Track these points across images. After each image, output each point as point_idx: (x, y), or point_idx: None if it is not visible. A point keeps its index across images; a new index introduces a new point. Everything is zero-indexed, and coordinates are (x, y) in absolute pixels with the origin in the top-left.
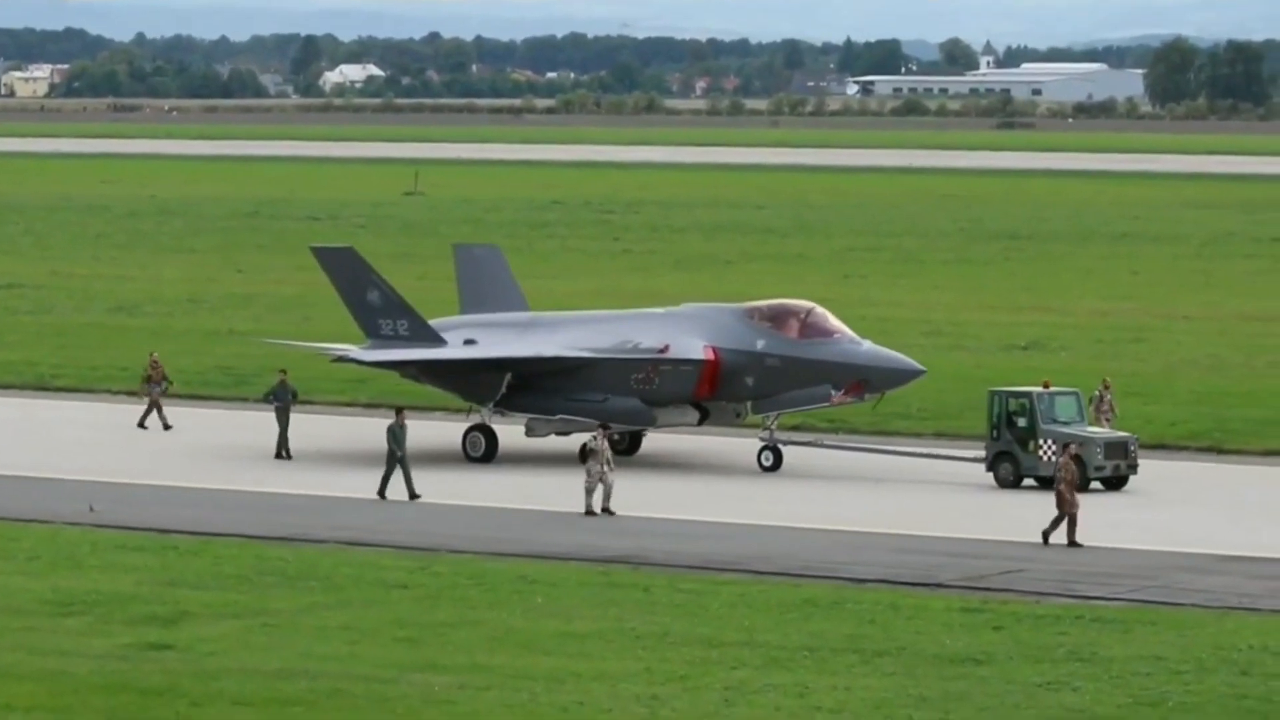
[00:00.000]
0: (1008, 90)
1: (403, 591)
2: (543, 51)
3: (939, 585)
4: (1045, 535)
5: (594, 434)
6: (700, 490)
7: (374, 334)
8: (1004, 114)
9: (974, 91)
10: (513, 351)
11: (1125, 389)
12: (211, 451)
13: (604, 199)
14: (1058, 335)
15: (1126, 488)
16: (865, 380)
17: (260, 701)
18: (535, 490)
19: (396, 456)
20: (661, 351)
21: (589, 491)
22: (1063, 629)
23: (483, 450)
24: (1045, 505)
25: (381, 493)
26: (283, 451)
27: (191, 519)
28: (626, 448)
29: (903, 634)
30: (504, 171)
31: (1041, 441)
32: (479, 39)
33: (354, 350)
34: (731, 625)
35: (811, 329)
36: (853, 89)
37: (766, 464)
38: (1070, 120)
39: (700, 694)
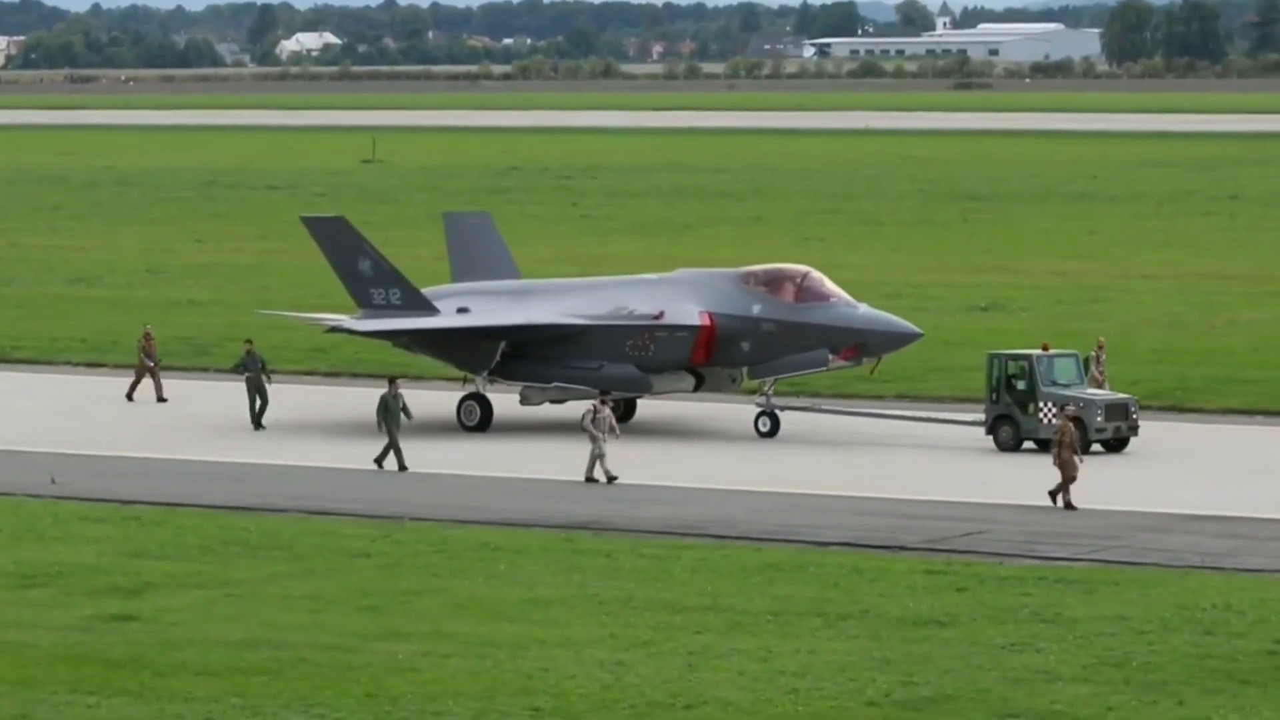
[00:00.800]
0: (964, 51)
1: (365, 560)
2: (499, 18)
3: (902, 548)
4: (1053, 497)
5: (594, 402)
6: (674, 456)
7: (366, 304)
8: (961, 75)
9: (931, 53)
10: (507, 319)
11: (1084, 349)
12: (174, 422)
13: (561, 165)
14: (1017, 296)
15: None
16: (862, 344)
17: (224, 671)
18: (517, 457)
19: (391, 427)
20: (657, 318)
21: (598, 458)
22: (1026, 590)
23: (478, 419)
24: (1025, 466)
25: (401, 465)
26: (258, 422)
27: (153, 489)
28: (621, 414)
29: (866, 597)
30: (461, 138)
31: (1041, 404)
32: (435, 6)
33: (347, 320)
34: (695, 590)
35: (807, 293)
36: (809, 51)
37: (764, 430)
38: (1027, 80)
39: (664, 659)
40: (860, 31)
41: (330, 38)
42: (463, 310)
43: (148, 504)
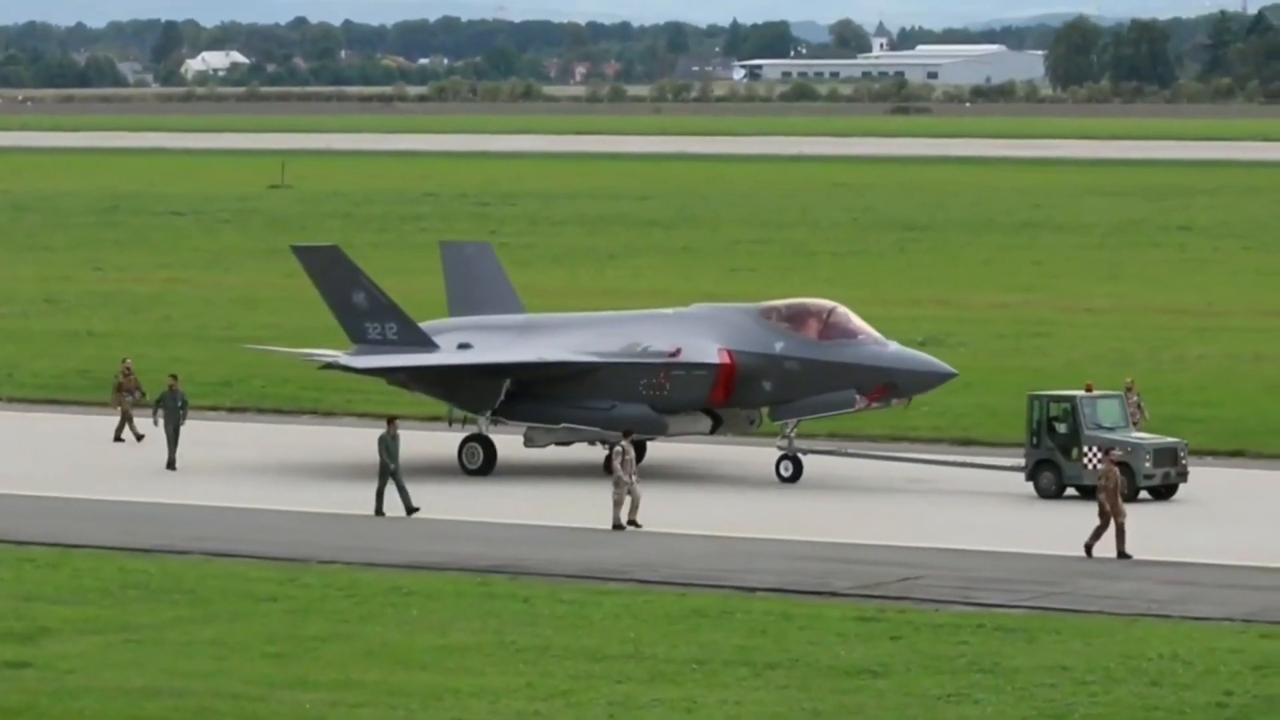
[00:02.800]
0: (902, 73)
1: (271, 604)
2: (414, 36)
3: (833, 593)
4: (1088, 547)
5: (621, 444)
6: (602, 498)
7: (360, 338)
8: (898, 98)
9: (866, 75)
10: (514, 356)
11: (1027, 385)
12: (70, 459)
13: (479, 190)
14: (956, 330)
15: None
16: (892, 384)
17: None
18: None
19: (389, 469)
20: (673, 355)
21: (617, 504)
22: (963, 638)
23: (480, 462)
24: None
25: (379, 509)
26: (169, 459)
27: (49, 530)
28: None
29: (795, 645)
30: (375, 162)
31: (1085, 449)
32: (347, 24)
33: (341, 356)
34: (616, 637)
35: (833, 329)
36: (739, 73)
37: (785, 474)
38: (968, 104)
39: (584, 709)
40: (793, 53)
41: (238, 57)
42: (464, 346)
43: (43, 545)
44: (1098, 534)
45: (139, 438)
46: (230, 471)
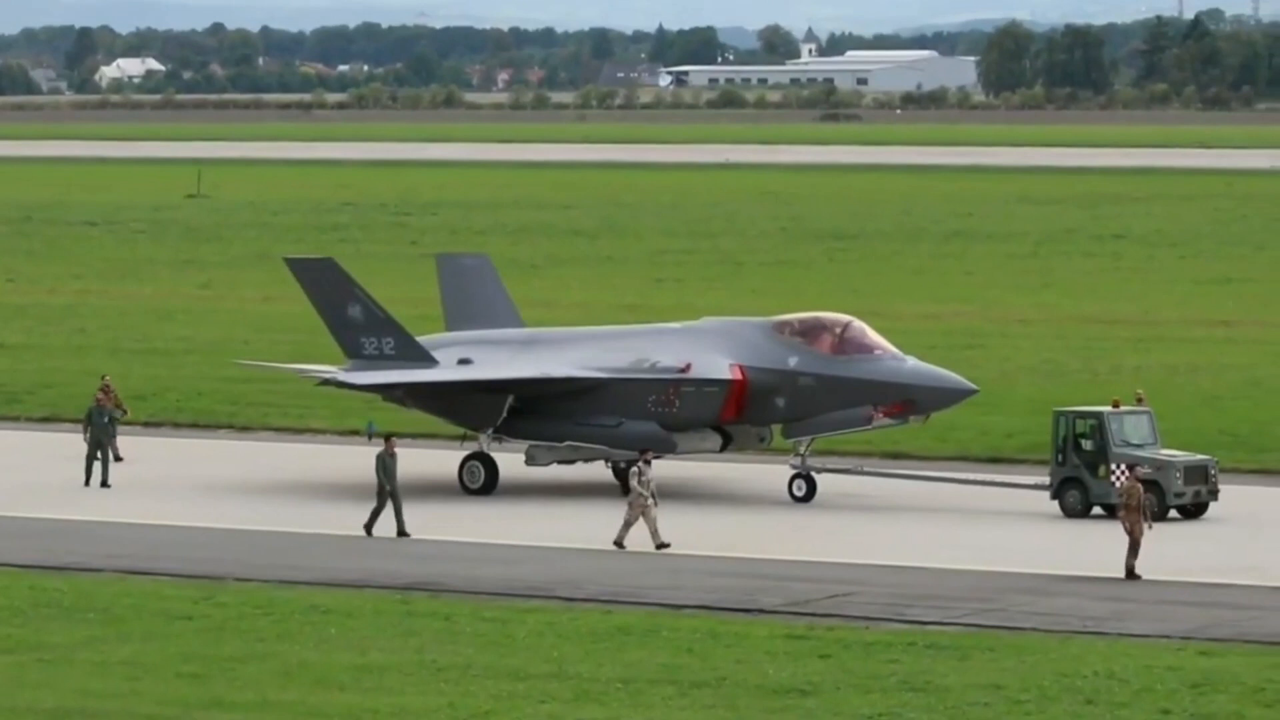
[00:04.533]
0: (831, 80)
1: (186, 623)
2: (334, 43)
3: (761, 611)
4: (1129, 569)
5: (639, 463)
6: (529, 512)
7: (356, 353)
8: (827, 105)
9: (795, 82)
10: (517, 372)
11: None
12: None
13: (400, 200)
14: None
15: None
16: (910, 400)
17: None
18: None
19: (386, 490)
20: (683, 371)
21: (628, 524)
22: (894, 656)
23: (481, 481)
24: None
25: (369, 528)
26: (102, 478)
27: None
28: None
29: (723, 663)
30: (293, 171)
31: (1113, 466)
32: (266, 30)
33: (339, 372)
34: (539, 656)
35: (849, 344)
36: (665, 80)
37: (799, 494)
38: (898, 111)
39: None
40: (720, 59)
41: (154, 64)
42: (464, 361)
43: None
44: (1134, 552)
45: (117, 458)
46: (144, 487)
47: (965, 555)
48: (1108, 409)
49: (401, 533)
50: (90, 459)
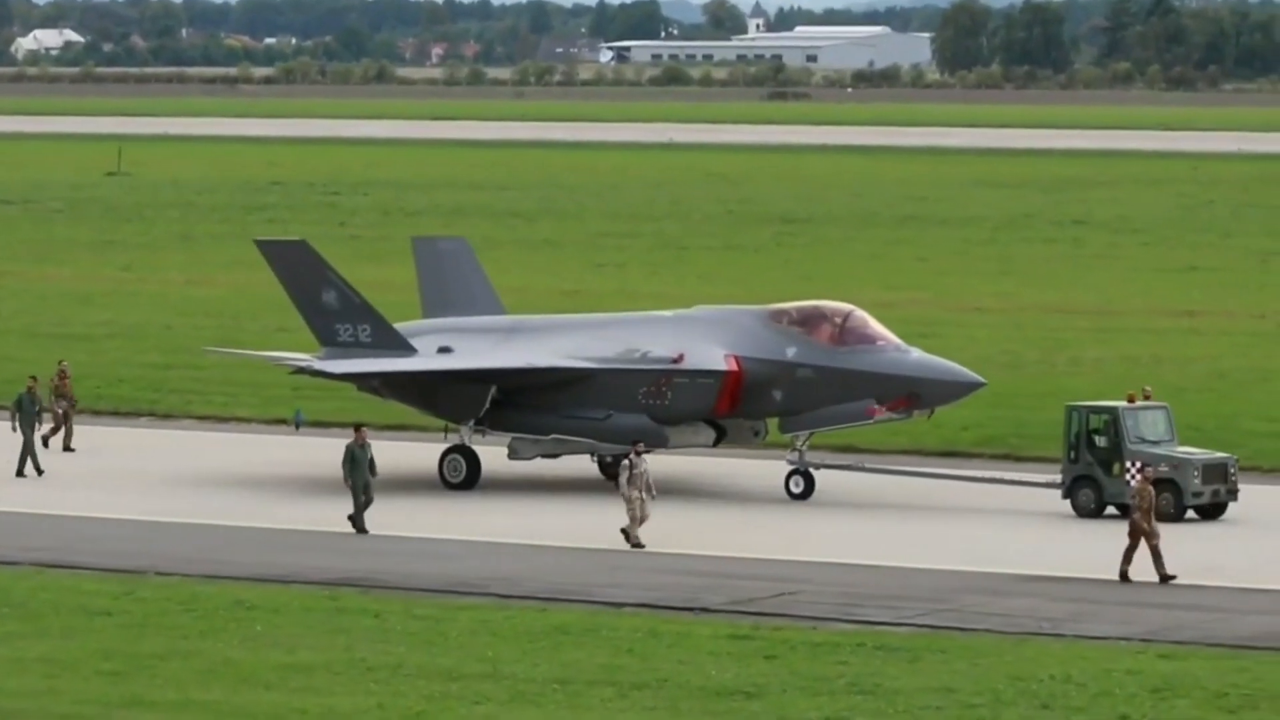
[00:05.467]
0: (779, 57)
1: (106, 619)
2: (260, 14)
3: (705, 610)
4: (1123, 574)
5: (629, 456)
6: (468, 506)
7: (330, 341)
8: (775, 83)
9: (742, 58)
10: (501, 361)
11: None
12: None
13: (329, 179)
14: None
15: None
16: (915, 394)
17: None
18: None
19: (359, 481)
20: (675, 361)
21: (635, 520)
22: (843, 658)
23: (463, 475)
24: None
25: (359, 524)
26: (27, 467)
27: None
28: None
29: (664, 664)
30: (218, 149)
31: (1128, 464)
32: (189, 0)
33: (314, 361)
34: (473, 655)
35: (850, 335)
36: (606, 56)
37: (796, 490)
38: (849, 90)
39: None
40: (663, 34)
41: (72, 35)
42: (445, 350)
43: None
44: (1128, 556)
45: (44, 445)
46: (63, 477)
47: (917, 553)
48: (1122, 404)
49: (359, 529)
50: (29, 448)
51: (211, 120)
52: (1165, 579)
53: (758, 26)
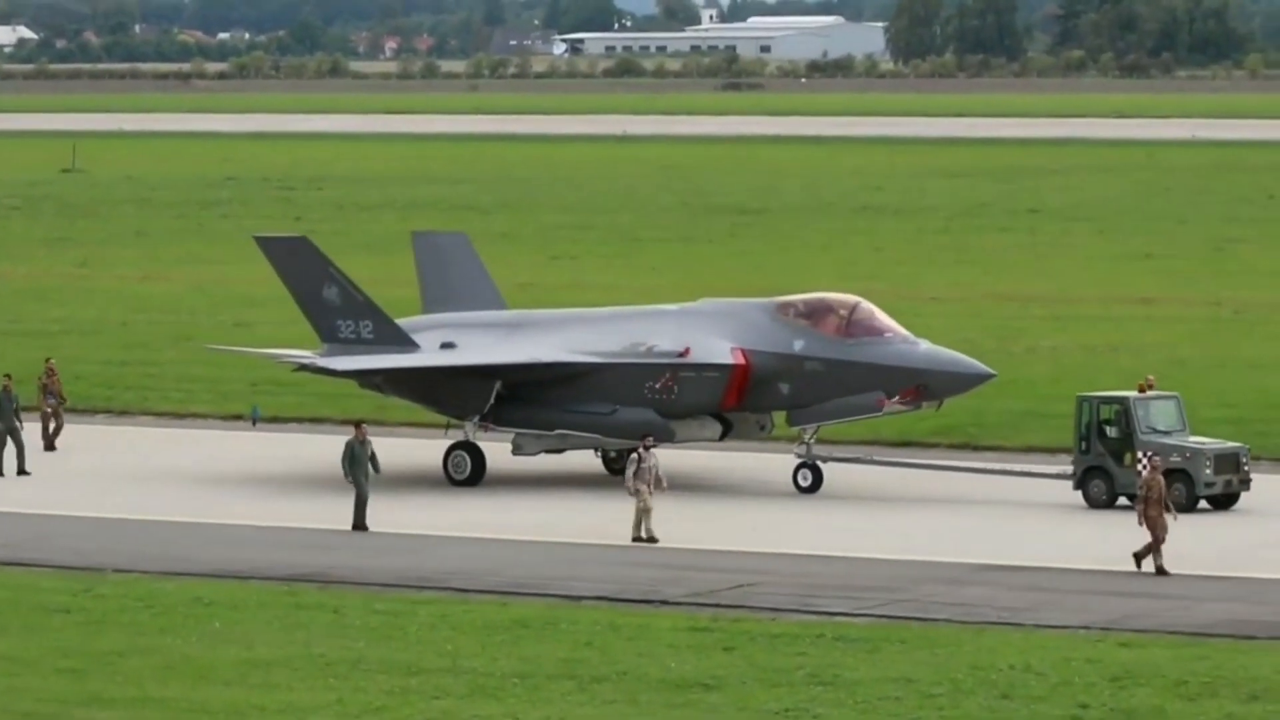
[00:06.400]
0: (733, 47)
1: (65, 616)
2: (213, 10)
3: (663, 602)
4: (1138, 560)
5: (638, 450)
6: (425, 501)
7: (331, 337)
8: (729, 74)
9: (695, 49)
10: (505, 356)
11: None
12: None
13: (283, 174)
14: None
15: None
16: (923, 385)
17: None
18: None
19: (360, 478)
20: (681, 355)
21: (644, 514)
22: (802, 649)
23: (468, 472)
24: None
25: (359, 522)
26: (7, 466)
27: None
28: (623, 466)
29: (624, 657)
30: (172, 144)
31: (1139, 454)
32: None
33: (315, 357)
34: (432, 650)
35: (857, 327)
36: (560, 48)
37: (804, 484)
38: (803, 80)
39: None
40: (617, 26)
41: (25, 32)
42: (448, 345)
43: None
44: (1151, 549)
45: (49, 448)
46: (16, 474)
47: (873, 543)
48: (1133, 394)
49: (358, 525)
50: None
51: (166, 116)
52: (1160, 571)
53: (711, 17)
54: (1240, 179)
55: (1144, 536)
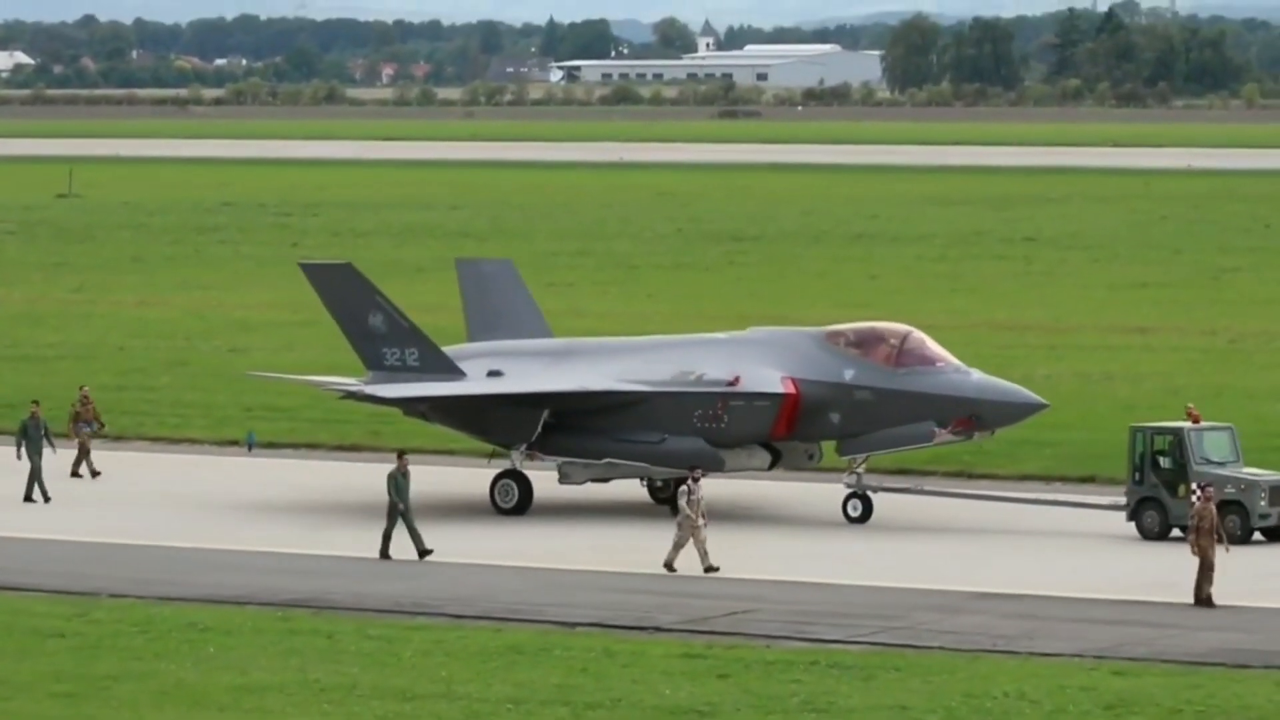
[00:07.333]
0: (730, 75)
1: (59, 641)
2: (210, 35)
3: (658, 629)
4: (1208, 597)
5: (688, 481)
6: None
7: (377, 365)
8: (726, 101)
9: (692, 77)
10: (554, 385)
11: None
12: None
13: (280, 200)
14: None
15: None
16: (976, 416)
17: None
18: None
19: (398, 509)
20: (731, 384)
21: (678, 545)
22: (796, 676)
23: (515, 500)
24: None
25: (384, 552)
26: (34, 493)
27: None
28: (670, 495)
29: (618, 683)
30: (169, 170)
31: (1194, 485)
32: (139, 22)
33: (362, 385)
34: (426, 676)
35: (909, 356)
36: (557, 75)
37: (854, 514)
38: (800, 108)
39: None
40: (614, 53)
41: (22, 57)
42: (495, 374)
43: None
44: (1206, 577)
45: (95, 474)
46: (12, 499)
47: (869, 570)
48: (1187, 425)
49: (423, 552)
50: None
51: (162, 141)
52: (1204, 601)
53: (708, 45)
54: (1236, 208)
55: (1193, 567)
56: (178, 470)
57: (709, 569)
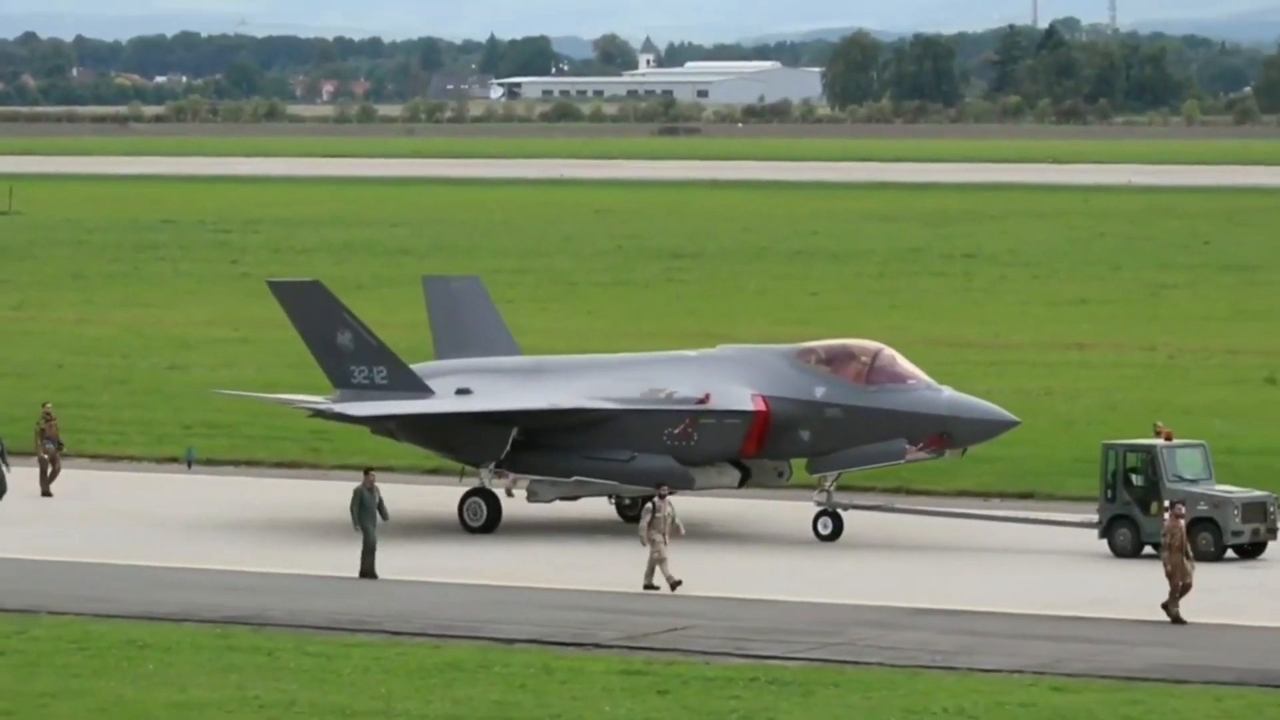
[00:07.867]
0: (670, 92)
1: None
2: (150, 53)
3: (597, 645)
4: (1175, 615)
5: (653, 499)
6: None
7: (344, 383)
8: (666, 118)
9: (632, 94)
10: (523, 403)
11: None
12: None
13: (220, 217)
14: None
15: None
16: (947, 433)
17: None
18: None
19: (368, 525)
20: (701, 401)
21: (658, 563)
22: (735, 692)
23: (484, 518)
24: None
25: (367, 569)
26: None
27: None
28: (638, 514)
29: (557, 700)
30: (109, 187)
31: (1166, 503)
32: (80, 39)
33: (330, 404)
34: (365, 692)
35: (880, 373)
36: (497, 92)
37: (824, 532)
38: (740, 125)
39: None
40: (554, 70)
41: None
42: (463, 391)
43: None
44: (1179, 595)
45: (46, 493)
46: None
47: (805, 586)
48: (1160, 442)
49: (367, 573)
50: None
51: (103, 159)
52: (1175, 619)
53: (648, 62)
54: (1175, 225)
55: (1164, 583)
56: (117, 487)
57: (649, 586)
